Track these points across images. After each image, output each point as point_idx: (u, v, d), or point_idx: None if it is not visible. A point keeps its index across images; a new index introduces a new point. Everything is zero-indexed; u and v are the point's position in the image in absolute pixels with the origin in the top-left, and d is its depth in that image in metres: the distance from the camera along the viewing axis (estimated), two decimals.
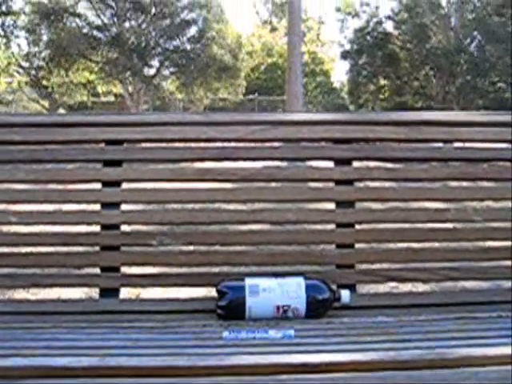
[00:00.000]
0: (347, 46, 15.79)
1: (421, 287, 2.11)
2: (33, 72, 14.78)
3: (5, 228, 1.71)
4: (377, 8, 15.72)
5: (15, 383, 0.99)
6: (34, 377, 1.00)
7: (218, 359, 1.08)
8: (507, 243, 1.60)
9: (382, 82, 15.35)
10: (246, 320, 1.42)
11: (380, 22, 15.35)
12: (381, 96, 15.50)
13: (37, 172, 1.67)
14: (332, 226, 1.62)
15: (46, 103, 15.42)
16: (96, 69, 14.60)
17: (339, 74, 22.61)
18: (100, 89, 16.18)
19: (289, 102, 11.15)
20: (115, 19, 14.38)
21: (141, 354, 1.14)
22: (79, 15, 14.27)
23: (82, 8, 14.41)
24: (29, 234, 1.61)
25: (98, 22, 14.45)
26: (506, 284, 1.68)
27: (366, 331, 1.33)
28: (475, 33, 14.28)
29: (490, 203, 1.71)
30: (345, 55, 15.64)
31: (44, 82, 14.71)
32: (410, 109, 13.08)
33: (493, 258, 1.63)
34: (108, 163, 1.63)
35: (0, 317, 1.47)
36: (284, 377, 1.00)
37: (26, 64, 14.81)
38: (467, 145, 1.74)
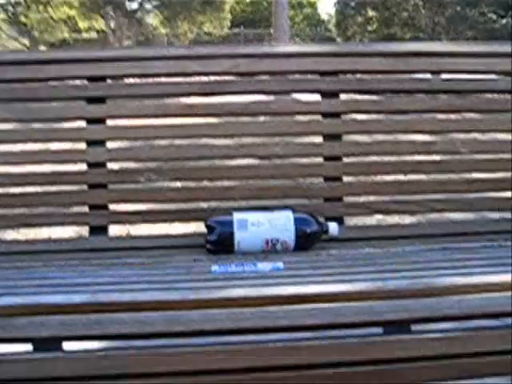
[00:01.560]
0: None
1: (407, 219, 2.14)
2: (10, 8, 14.30)
3: None
4: None
5: (8, 322, 1.00)
6: (26, 314, 1.01)
7: (209, 292, 1.09)
8: (492, 175, 1.62)
9: (371, 13, 15.04)
10: (235, 254, 1.44)
11: None
12: (369, 28, 15.22)
13: (20, 111, 1.64)
14: (319, 160, 1.62)
15: (25, 41, 15.01)
16: (76, 3, 14.14)
17: (327, 5, 22.14)
18: (81, 25, 15.73)
19: (275, 35, 10.92)
20: None
21: (132, 289, 1.16)
22: None
23: None
24: (15, 174, 1.60)
25: None
26: (491, 215, 1.70)
27: (353, 262, 1.35)
28: None
29: (477, 135, 1.72)
30: None
31: (22, 19, 14.26)
32: (398, 40, 12.88)
33: (478, 189, 1.64)
34: (91, 100, 1.60)
35: None
36: (273, 308, 1.02)
37: (2, 0, 14.32)
38: (455, 76, 1.72)
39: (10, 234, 2.62)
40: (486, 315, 1.03)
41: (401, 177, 1.67)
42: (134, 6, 14.60)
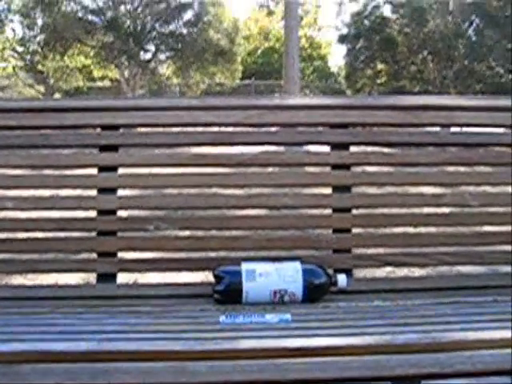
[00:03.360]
0: (344, 30, 15.73)
1: (417, 272, 2.13)
2: (28, 57, 14.69)
3: (1, 214, 1.71)
4: None
5: (11, 369, 0.99)
6: (31, 361, 1.00)
7: (215, 343, 1.08)
8: (504, 228, 1.61)
9: (380, 66, 15.31)
10: (242, 304, 1.42)
11: (377, 6, 15.27)
12: (378, 81, 15.46)
13: (33, 157, 1.66)
14: (329, 211, 1.63)
15: (41, 88, 15.34)
16: (92, 53, 14.52)
17: (336, 58, 22.61)
18: (96, 73, 16.08)
19: (286, 86, 11.10)
20: (110, 3, 14.28)
21: (138, 338, 1.15)
22: None
23: None
24: (25, 219, 1.61)
25: (94, 5, 14.34)
26: (502, 269, 1.68)
27: (362, 315, 1.33)
28: (473, 17, 14.21)
29: (487, 188, 1.72)
30: (342, 39, 15.58)
31: (39, 67, 14.62)
32: (407, 93, 13.05)
33: (489, 242, 1.63)
34: (104, 148, 1.63)
35: None
36: (281, 361, 1.01)
37: (20, 49, 14.71)
38: (464, 129, 1.73)
39: (17, 279, 2.62)
40: (499, 372, 1.01)
41: (410, 229, 1.66)
42: (148, 56, 14.96)
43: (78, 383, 0.99)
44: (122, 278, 1.63)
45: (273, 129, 1.71)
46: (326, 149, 1.65)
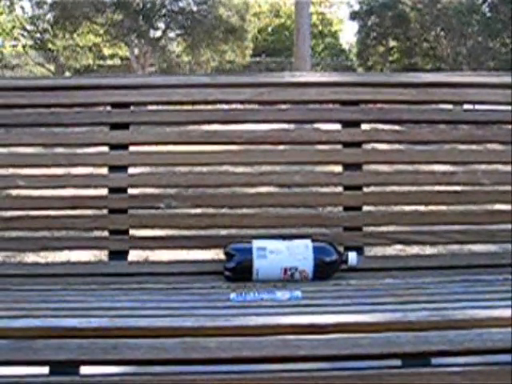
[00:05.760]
0: (356, 7, 15.50)
1: (428, 250, 2.12)
2: (37, 35, 14.63)
3: (13, 192, 1.72)
4: None
5: (25, 344, 1.01)
6: (44, 337, 1.02)
7: (226, 320, 1.09)
8: None
9: (392, 43, 15.11)
10: (253, 282, 1.43)
11: None
12: (390, 58, 15.28)
13: (44, 136, 1.67)
14: (339, 189, 1.62)
15: (51, 67, 15.31)
16: (101, 31, 14.43)
17: (348, 35, 22.30)
18: (106, 52, 16.02)
19: (296, 64, 11.01)
20: None
21: (149, 315, 1.16)
22: None
23: None
24: (37, 197, 1.62)
25: None
26: None
27: (372, 293, 1.34)
28: None
29: (499, 166, 1.70)
30: (354, 16, 15.37)
31: (49, 46, 14.57)
32: (419, 71, 12.90)
33: (500, 221, 1.62)
34: (115, 126, 1.63)
35: (11, 279, 1.49)
36: (291, 337, 1.01)
37: (30, 27, 14.66)
38: (476, 107, 1.72)
39: (30, 257, 2.65)
40: (509, 350, 1.01)
41: (421, 207, 1.66)
42: (158, 33, 14.85)
43: (91, 358, 1.01)
44: (134, 255, 1.64)
45: (283, 106, 1.70)
46: (337, 126, 1.64)
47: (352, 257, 1.50)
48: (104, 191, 1.60)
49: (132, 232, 1.61)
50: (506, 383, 1.02)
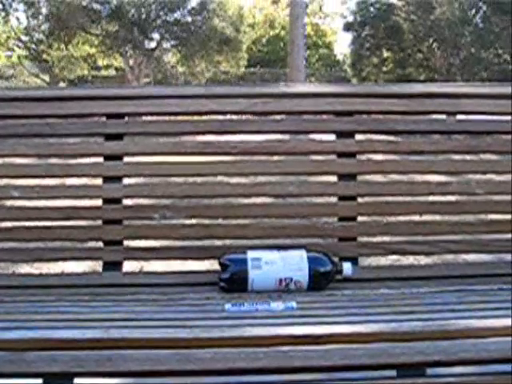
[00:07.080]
0: (350, 18, 15.60)
1: (422, 260, 2.13)
2: (32, 46, 14.65)
3: (7, 202, 1.72)
4: None
5: (18, 356, 1.00)
6: (38, 349, 1.01)
7: (221, 331, 1.09)
8: (509, 216, 1.60)
9: (386, 54, 15.20)
10: (248, 292, 1.43)
11: None
12: (384, 68, 15.36)
13: (38, 146, 1.67)
14: (334, 199, 1.62)
15: (46, 77, 15.31)
16: (96, 42, 14.46)
17: (342, 46, 22.41)
18: (101, 62, 16.05)
19: (291, 74, 11.04)
20: None
21: (144, 326, 1.15)
22: None
23: None
24: (31, 208, 1.62)
25: None
26: (508, 257, 1.68)
27: (367, 303, 1.34)
28: (480, 3, 14.08)
29: (493, 176, 1.71)
30: (347, 27, 15.47)
31: (44, 56, 14.59)
32: (413, 81, 12.98)
33: (495, 230, 1.63)
34: (109, 137, 1.63)
35: (4, 291, 1.48)
36: (286, 348, 1.01)
37: (25, 38, 14.68)
38: (470, 117, 1.72)
39: (24, 268, 2.64)
40: (503, 360, 1.01)
41: (416, 217, 1.66)
42: (153, 44, 14.89)
43: (84, 370, 1.00)
44: (128, 266, 1.63)
45: (278, 117, 1.70)
46: (332, 137, 1.65)
47: (347, 267, 1.50)
48: (98, 202, 1.60)
49: (126, 243, 1.60)
50: None
